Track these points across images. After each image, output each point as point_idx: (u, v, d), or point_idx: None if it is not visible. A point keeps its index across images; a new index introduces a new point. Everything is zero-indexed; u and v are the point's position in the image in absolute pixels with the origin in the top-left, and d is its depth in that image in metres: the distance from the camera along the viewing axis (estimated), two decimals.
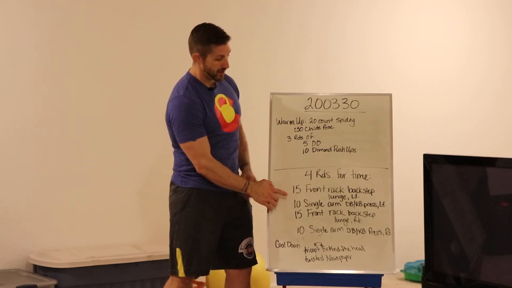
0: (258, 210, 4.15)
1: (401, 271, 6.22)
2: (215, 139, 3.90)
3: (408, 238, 5.48)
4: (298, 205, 4.07)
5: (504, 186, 4.27)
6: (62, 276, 4.73)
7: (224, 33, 3.92)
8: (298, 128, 4.15)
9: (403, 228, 5.09)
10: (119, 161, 5.35)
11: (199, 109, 3.84)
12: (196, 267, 3.94)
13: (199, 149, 3.84)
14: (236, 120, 4.00)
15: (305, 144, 4.13)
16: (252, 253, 4.08)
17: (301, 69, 6.08)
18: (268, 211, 4.05)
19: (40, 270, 4.84)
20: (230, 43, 3.92)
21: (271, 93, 4.19)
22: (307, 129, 4.14)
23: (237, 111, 4.03)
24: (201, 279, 5.24)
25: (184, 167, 3.94)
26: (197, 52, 3.88)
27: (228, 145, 3.97)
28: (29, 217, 5.03)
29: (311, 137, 4.14)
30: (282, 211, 4.07)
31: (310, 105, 4.17)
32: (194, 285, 5.33)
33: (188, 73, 3.96)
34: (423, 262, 4.67)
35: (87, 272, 4.80)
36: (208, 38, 3.87)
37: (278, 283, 4.10)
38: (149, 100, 5.43)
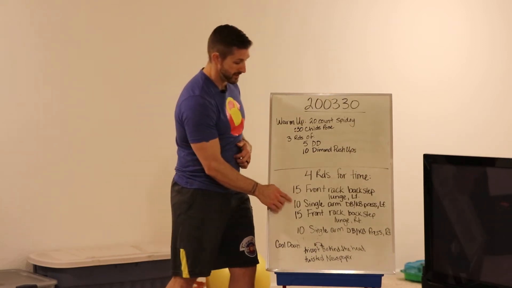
0: (258, 210, 4.15)
1: (401, 271, 6.22)
2: (224, 141, 3.92)
3: (408, 238, 5.48)
4: (298, 205, 4.07)
5: (504, 186, 4.27)
6: (62, 276, 4.73)
7: (247, 38, 3.94)
8: (298, 128, 4.15)
9: (403, 228, 5.10)
10: (119, 161, 5.35)
11: (214, 111, 3.85)
12: (201, 268, 3.95)
13: (211, 151, 3.85)
14: (242, 124, 4.04)
15: (305, 144, 4.13)
16: (254, 252, 4.08)
17: (301, 69, 6.08)
18: (268, 211, 4.05)
19: (40, 270, 4.84)
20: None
21: (271, 93, 4.20)
22: (307, 129, 4.14)
23: (243, 115, 4.06)
24: (201, 279, 5.24)
25: (190, 168, 3.94)
26: (218, 52, 3.88)
27: (233, 148, 4.00)
28: (29, 217, 5.03)
29: (311, 137, 4.14)
30: (282, 211, 4.07)
31: (310, 105, 4.17)
32: (194, 285, 5.33)
33: (202, 73, 3.96)
34: (423, 262, 4.66)
35: (87, 272, 4.80)
36: (232, 40, 3.89)
37: (278, 283, 4.10)
38: (148, 101, 5.44)
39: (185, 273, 3.93)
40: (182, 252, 3.93)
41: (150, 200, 5.44)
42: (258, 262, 4.13)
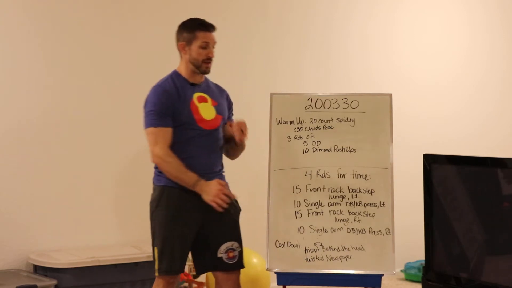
0: (258, 210, 4.15)
1: (401, 271, 6.22)
2: (190, 132, 3.90)
3: (408, 238, 5.48)
4: (298, 205, 4.07)
5: (504, 186, 4.27)
6: (62, 276, 4.73)
7: (210, 22, 3.99)
8: (298, 128, 4.15)
9: (403, 228, 5.10)
10: (119, 161, 5.35)
11: (171, 100, 3.87)
12: (167, 266, 3.89)
13: (158, 137, 3.84)
14: (217, 119, 3.99)
15: (305, 144, 4.13)
16: (234, 258, 3.98)
17: (301, 69, 6.08)
18: (268, 211, 4.04)
19: (40, 270, 4.84)
20: (231, 41, 3.93)
21: (271, 93, 4.20)
22: (307, 129, 4.14)
23: (220, 112, 4.01)
24: (201, 279, 5.24)
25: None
26: (183, 41, 3.95)
27: (204, 143, 3.94)
28: (29, 217, 5.03)
29: (311, 137, 4.14)
30: (282, 211, 4.07)
31: (310, 105, 4.18)
32: (194, 285, 5.33)
33: (174, 70, 4.02)
34: (423, 262, 4.66)
35: (87, 272, 4.79)
36: (193, 25, 3.96)
37: (278, 283, 4.09)
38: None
39: (156, 271, 3.92)
40: (155, 251, 3.92)
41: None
42: (241, 268, 4.03)
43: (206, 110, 3.96)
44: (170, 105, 3.87)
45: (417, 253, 5.69)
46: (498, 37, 7.06)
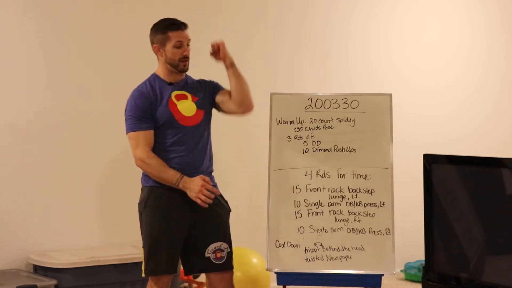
0: (258, 210, 4.15)
1: (401, 271, 6.22)
2: (173, 131, 3.90)
3: (408, 238, 5.48)
4: (298, 205, 4.07)
5: (504, 186, 4.27)
6: (62, 276, 4.73)
7: (180, 21, 3.98)
8: (298, 128, 4.15)
9: (403, 228, 5.09)
10: (119, 161, 5.34)
11: (148, 102, 3.88)
12: (154, 267, 3.90)
13: (138, 140, 3.86)
14: (199, 114, 3.97)
15: (305, 144, 4.13)
16: (222, 258, 3.98)
17: (301, 69, 6.08)
18: (268, 211, 4.04)
19: (40, 270, 4.84)
20: (231, 41, 3.93)
21: (271, 93, 4.20)
22: (307, 129, 4.14)
23: (201, 107, 3.98)
24: (201, 279, 5.24)
25: None
26: (157, 43, 3.94)
27: (187, 141, 3.92)
28: (29, 217, 5.03)
29: (311, 137, 4.14)
30: (282, 211, 4.07)
31: (310, 105, 4.18)
32: (194, 285, 5.33)
33: (153, 73, 4.03)
34: (423, 262, 4.66)
35: (87, 272, 4.79)
36: (164, 25, 3.95)
37: (278, 283, 4.09)
38: None
39: (143, 271, 3.92)
40: (143, 251, 3.94)
41: None
42: (230, 268, 4.02)
43: (186, 107, 3.95)
44: (147, 108, 3.87)
45: (417, 253, 5.69)
46: (498, 37, 7.05)
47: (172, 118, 3.90)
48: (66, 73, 5.19)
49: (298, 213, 4.06)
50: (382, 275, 4.05)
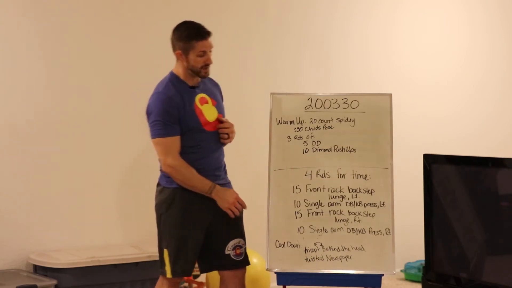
0: (258, 210, 4.15)
1: (401, 271, 6.22)
2: (197, 136, 3.91)
3: (408, 238, 5.48)
4: (298, 205, 4.07)
5: (504, 186, 4.27)
6: (62, 276, 4.73)
7: (205, 29, 3.94)
8: (298, 128, 4.15)
9: (403, 228, 5.09)
10: (119, 161, 5.35)
11: (176, 107, 3.86)
12: (182, 268, 3.94)
13: (167, 147, 3.85)
14: (218, 119, 4.01)
15: (305, 144, 4.13)
16: (241, 255, 4.04)
17: (301, 69, 6.08)
18: (268, 211, 4.04)
19: (40, 270, 4.84)
20: (231, 41, 3.93)
21: (271, 93, 4.20)
22: (307, 129, 4.14)
23: (220, 111, 4.03)
24: (201, 279, 5.24)
25: None
26: (179, 49, 3.91)
27: (210, 144, 3.96)
28: (29, 217, 5.03)
29: (311, 137, 4.14)
30: (282, 211, 4.07)
31: (310, 105, 4.17)
32: (194, 285, 5.33)
33: (171, 72, 3.99)
34: (423, 262, 4.66)
35: (87, 272, 4.79)
36: (189, 34, 3.90)
37: (278, 283, 4.09)
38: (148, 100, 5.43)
39: (168, 273, 3.94)
40: (166, 252, 3.94)
41: (150, 200, 5.43)
42: (247, 264, 4.09)
43: (209, 112, 3.97)
44: (175, 113, 3.85)
45: (417, 253, 5.69)
46: (498, 37, 7.05)
47: (199, 124, 3.92)
48: (66, 73, 5.19)
49: (298, 213, 4.06)
50: (382, 275, 4.05)
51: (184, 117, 3.87)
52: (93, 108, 5.26)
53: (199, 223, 3.94)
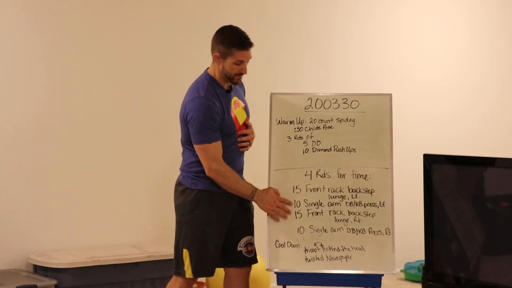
0: (258, 210, 4.14)
1: (401, 271, 6.22)
2: (230, 140, 3.95)
3: (408, 238, 5.48)
4: (298, 205, 4.07)
5: (504, 186, 4.27)
6: (62, 276, 4.73)
7: (248, 39, 3.94)
8: (298, 128, 4.14)
9: (403, 228, 5.10)
10: (120, 161, 5.35)
11: (218, 112, 3.87)
12: (205, 268, 3.97)
13: (213, 152, 3.86)
14: (246, 123, 4.07)
15: (305, 144, 4.13)
16: (252, 252, 4.08)
17: (301, 69, 6.08)
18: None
19: (40, 270, 4.84)
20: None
21: (271, 93, 4.19)
22: (307, 129, 4.14)
23: (248, 114, 4.08)
24: (201, 279, 5.24)
25: (195, 168, 3.94)
26: (218, 52, 3.90)
27: (236, 146, 4.00)
28: (29, 217, 5.03)
29: (311, 137, 4.14)
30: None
31: (310, 105, 4.17)
32: (194, 285, 5.33)
33: (207, 73, 3.97)
34: (423, 262, 4.67)
35: (87, 272, 4.80)
36: (231, 41, 3.89)
37: (278, 283, 4.09)
38: (151, 101, 5.44)
39: (189, 273, 3.93)
40: (186, 253, 3.93)
41: (150, 200, 5.44)
42: (256, 262, 4.13)
43: (240, 115, 4.01)
44: (217, 118, 3.86)
45: (417, 253, 5.70)
46: (498, 37, 7.06)
47: (235, 129, 3.96)
48: (66, 73, 5.19)
49: (298, 213, 4.06)
50: (382, 275, 4.05)
51: (224, 122, 3.89)
52: (93, 108, 5.26)
53: (221, 225, 3.96)
